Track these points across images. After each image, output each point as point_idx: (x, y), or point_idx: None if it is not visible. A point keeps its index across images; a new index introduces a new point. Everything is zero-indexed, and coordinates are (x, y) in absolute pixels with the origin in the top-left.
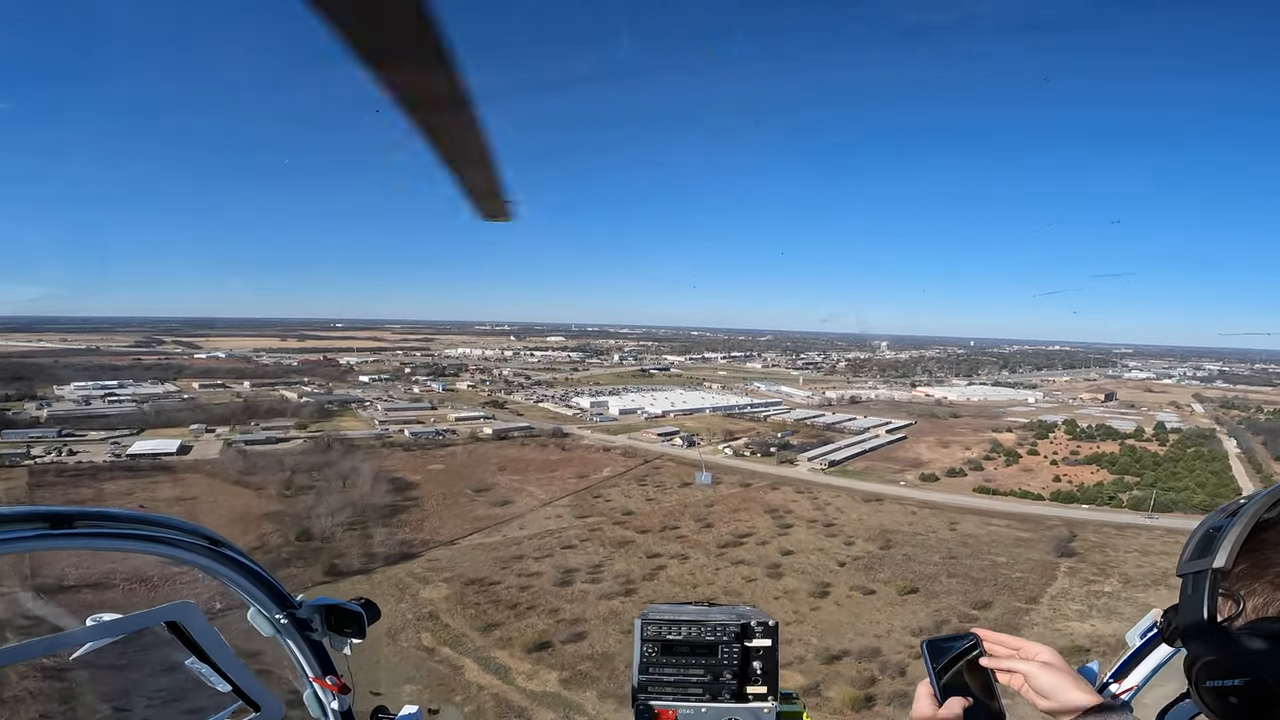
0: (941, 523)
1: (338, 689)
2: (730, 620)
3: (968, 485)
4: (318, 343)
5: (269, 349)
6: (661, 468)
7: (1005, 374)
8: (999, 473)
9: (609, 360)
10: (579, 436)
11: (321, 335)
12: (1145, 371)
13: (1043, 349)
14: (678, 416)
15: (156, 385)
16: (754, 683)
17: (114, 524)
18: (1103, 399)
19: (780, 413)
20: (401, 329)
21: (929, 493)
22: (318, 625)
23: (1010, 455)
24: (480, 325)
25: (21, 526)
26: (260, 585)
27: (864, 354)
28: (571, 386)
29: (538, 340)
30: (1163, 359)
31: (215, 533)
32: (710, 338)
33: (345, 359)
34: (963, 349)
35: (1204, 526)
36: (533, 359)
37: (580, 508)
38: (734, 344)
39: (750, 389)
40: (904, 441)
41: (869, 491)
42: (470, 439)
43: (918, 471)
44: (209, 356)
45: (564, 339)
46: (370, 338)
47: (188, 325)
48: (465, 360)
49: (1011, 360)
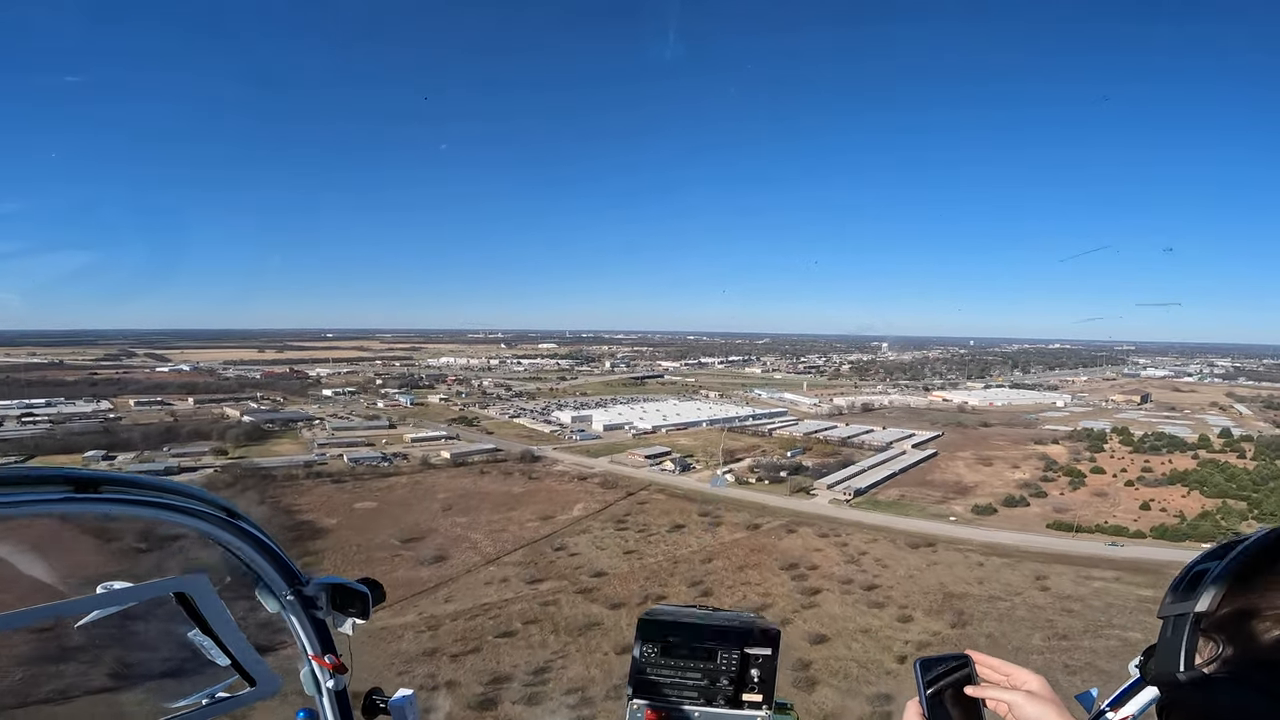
0: (1023, 578)
1: (335, 668)
2: (732, 625)
3: (1037, 519)
4: (299, 353)
5: (242, 360)
6: (648, 502)
7: (1018, 374)
8: (1068, 499)
9: (600, 368)
10: (552, 461)
11: (307, 345)
12: (1160, 369)
13: (1044, 347)
14: (670, 432)
15: (89, 404)
16: (750, 690)
17: (139, 490)
18: (1138, 401)
19: (787, 424)
20: (393, 338)
21: (991, 531)
22: (323, 603)
23: (1073, 475)
24: (474, 333)
25: (47, 489)
26: (271, 561)
27: (866, 356)
28: (555, 398)
29: (529, 348)
30: (1167, 355)
31: (234, 505)
32: (707, 342)
33: (316, 371)
34: (964, 349)
35: (1191, 568)
36: (519, 367)
37: (536, 566)
38: (731, 347)
39: (751, 397)
40: (936, 459)
41: (913, 532)
42: (421, 466)
43: (966, 500)
44: (171, 370)
45: (556, 346)
46: (356, 347)
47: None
48: (446, 370)
49: (1018, 360)
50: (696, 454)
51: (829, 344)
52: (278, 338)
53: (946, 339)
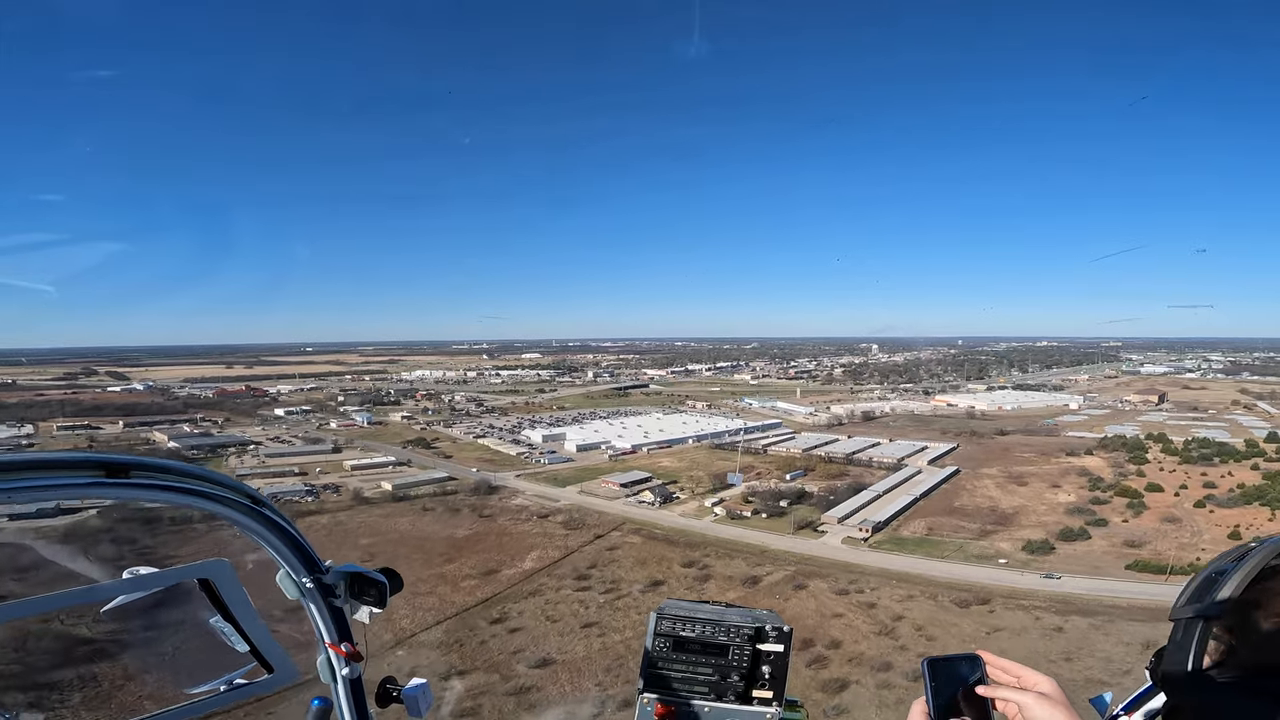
0: (1125, 648)
1: (350, 656)
2: (745, 623)
3: (1108, 557)
4: (271, 369)
5: (204, 378)
6: (619, 548)
7: (1016, 374)
8: (1134, 527)
9: (583, 378)
10: (511, 493)
11: (281, 360)
12: (1158, 365)
13: (1033, 345)
14: (652, 451)
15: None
16: (760, 686)
17: (167, 476)
18: (1155, 401)
19: (783, 439)
20: (374, 350)
21: (1050, 573)
22: (341, 591)
23: (1128, 495)
24: (459, 344)
25: (78, 473)
26: (293, 548)
27: (857, 358)
28: (530, 413)
29: (512, 359)
30: (1156, 350)
31: (256, 492)
32: (695, 348)
33: (277, 388)
34: (953, 348)
35: (1207, 571)
36: (497, 379)
37: (460, 650)
38: (720, 353)
39: (742, 407)
40: (959, 478)
41: (957, 582)
42: (352, 501)
43: (1011, 533)
44: (124, 390)
45: (540, 356)
46: (333, 361)
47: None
48: (419, 384)
49: (1011, 358)
50: (681, 479)
51: (818, 347)
52: (254, 353)
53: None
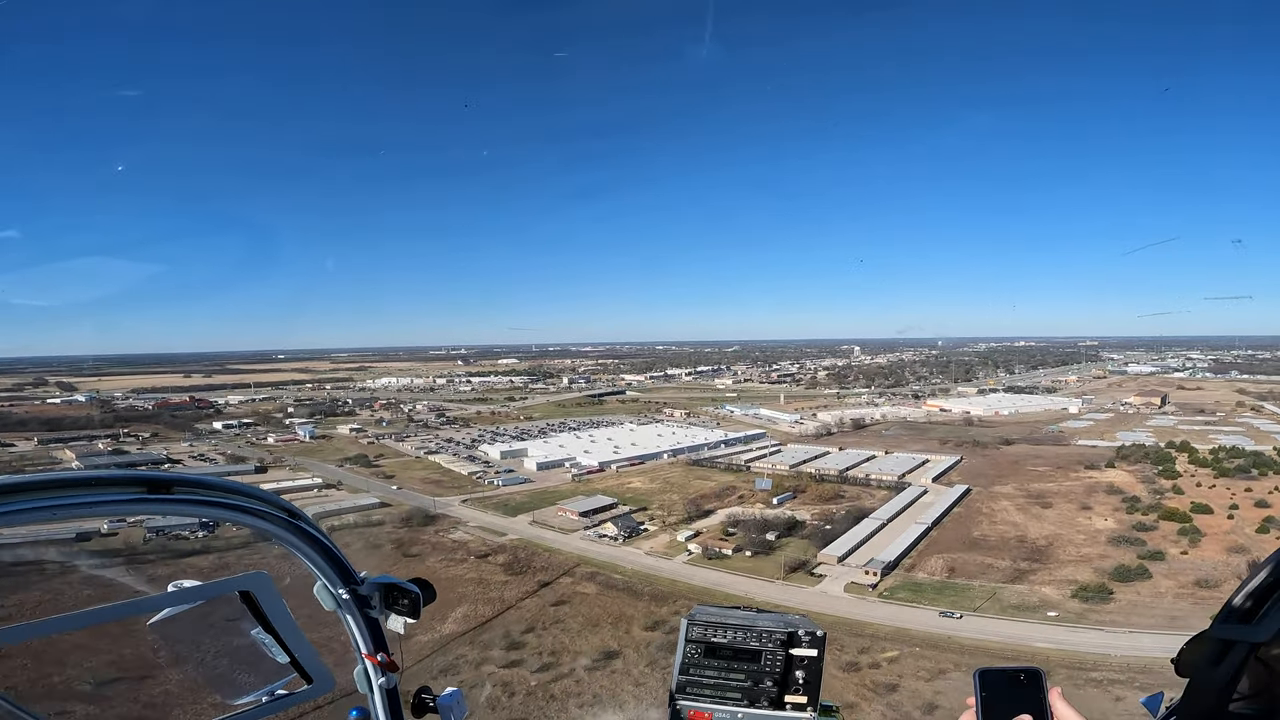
0: None
1: (386, 666)
2: (777, 627)
3: (1182, 603)
4: (231, 377)
5: (154, 388)
6: (570, 600)
7: (1003, 375)
8: (1197, 560)
9: (558, 384)
10: (452, 524)
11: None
12: (1144, 365)
13: (1012, 345)
14: (622, 469)
15: None
16: (794, 692)
17: (208, 492)
18: (1158, 403)
19: (768, 452)
20: (347, 357)
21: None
22: (376, 602)
23: (1178, 519)
24: (436, 349)
25: (122, 490)
26: (329, 560)
27: (840, 360)
28: (496, 423)
29: (488, 364)
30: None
31: (294, 505)
32: (675, 352)
33: (226, 399)
34: (934, 349)
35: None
36: (467, 387)
37: None
38: (700, 357)
39: (723, 415)
40: (971, 498)
41: (994, 645)
42: (251, 537)
43: (1049, 571)
44: (64, 402)
45: (517, 361)
46: (300, 369)
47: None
48: (380, 393)
49: (994, 359)
50: (652, 504)
51: (799, 349)
52: (223, 360)
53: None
